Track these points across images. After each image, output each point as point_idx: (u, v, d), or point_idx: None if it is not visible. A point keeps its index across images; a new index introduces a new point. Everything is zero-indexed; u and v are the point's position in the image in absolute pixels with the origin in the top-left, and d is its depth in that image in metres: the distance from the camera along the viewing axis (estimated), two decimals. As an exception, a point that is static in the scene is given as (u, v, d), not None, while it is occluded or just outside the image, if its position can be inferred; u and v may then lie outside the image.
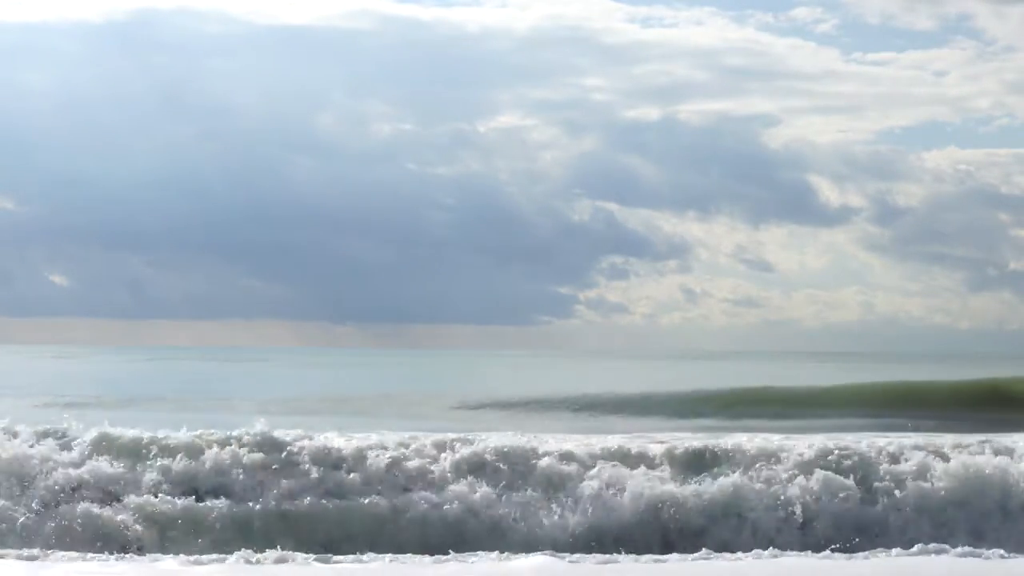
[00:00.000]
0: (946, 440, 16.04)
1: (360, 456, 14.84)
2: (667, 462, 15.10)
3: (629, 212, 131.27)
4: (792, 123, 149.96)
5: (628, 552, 12.87)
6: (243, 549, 12.22)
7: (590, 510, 14.21)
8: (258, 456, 14.66)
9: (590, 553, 12.72)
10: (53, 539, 13.33)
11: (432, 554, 12.51)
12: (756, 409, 30.55)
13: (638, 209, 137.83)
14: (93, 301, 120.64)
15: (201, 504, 14.04)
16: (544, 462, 14.82)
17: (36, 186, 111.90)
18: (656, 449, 15.37)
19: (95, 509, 13.81)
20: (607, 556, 12.52)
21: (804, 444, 15.35)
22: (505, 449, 14.95)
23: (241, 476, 14.42)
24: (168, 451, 14.72)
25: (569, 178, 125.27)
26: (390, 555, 12.32)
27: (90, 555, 12.34)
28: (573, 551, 12.81)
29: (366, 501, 14.26)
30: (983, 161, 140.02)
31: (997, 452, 15.28)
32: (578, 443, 15.58)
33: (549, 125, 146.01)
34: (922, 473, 14.87)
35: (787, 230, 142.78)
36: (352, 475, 14.59)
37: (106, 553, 12.57)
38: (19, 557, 12.00)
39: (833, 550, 13.06)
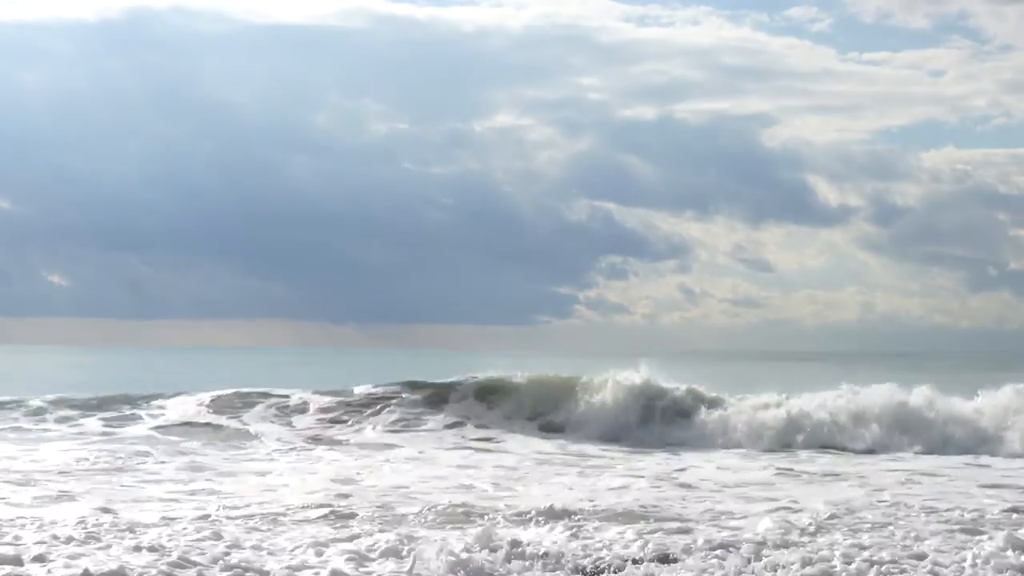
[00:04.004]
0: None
1: None
2: None
3: (627, 212, 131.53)
4: (789, 123, 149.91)
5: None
6: None
7: None
8: None
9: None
10: None
11: None
12: None
13: (636, 209, 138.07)
14: (92, 301, 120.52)
15: None
16: None
17: (32, 186, 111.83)
18: None
19: None
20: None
21: None
22: None
23: None
24: None
25: (566, 177, 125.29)
26: None
27: None
28: None
29: None
30: (981, 161, 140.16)
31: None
32: None
33: (545, 125, 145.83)
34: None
35: (786, 230, 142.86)
36: None
37: None
38: None
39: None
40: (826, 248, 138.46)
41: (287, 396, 29.52)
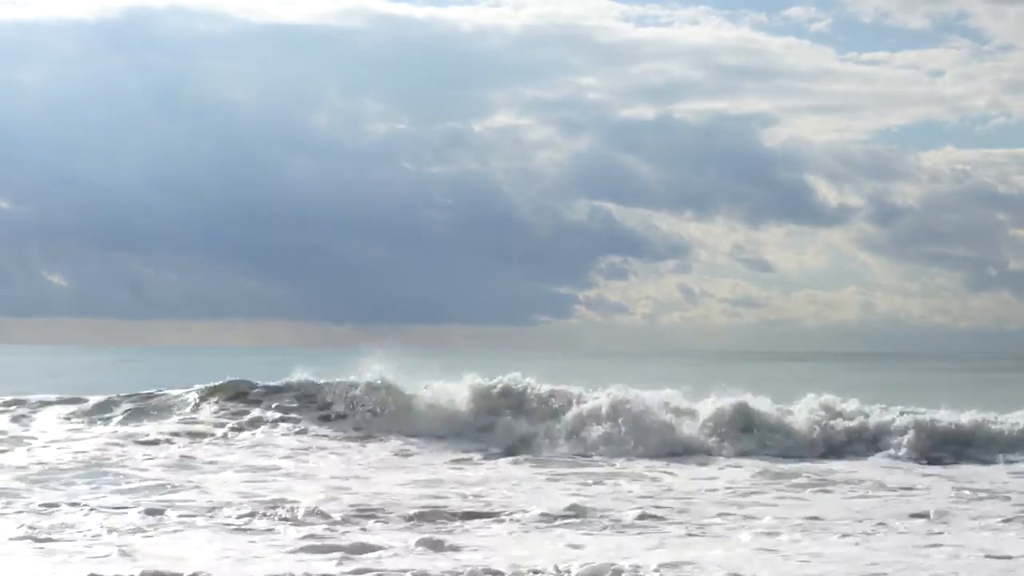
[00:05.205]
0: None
1: None
2: None
3: (627, 211, 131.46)
4: (789, 122, 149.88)
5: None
6: None
7: None
8: None
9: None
10: None
11: None
12: None
13: (635, 208, 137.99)
14: (92, 301, 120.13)
15: None
16: None
17: (32, 185, 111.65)
18: None
19: None
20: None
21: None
22: None
23: None
24: None
25: (565, 177, 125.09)
26: None
27: None
28: None
29: None
30: (980, 161, 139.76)
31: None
32: None
33: (544, 124, 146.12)
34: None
35: (785, 230, 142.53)
36: None
37: None
38: None
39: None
40: (826, 248, 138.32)
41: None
